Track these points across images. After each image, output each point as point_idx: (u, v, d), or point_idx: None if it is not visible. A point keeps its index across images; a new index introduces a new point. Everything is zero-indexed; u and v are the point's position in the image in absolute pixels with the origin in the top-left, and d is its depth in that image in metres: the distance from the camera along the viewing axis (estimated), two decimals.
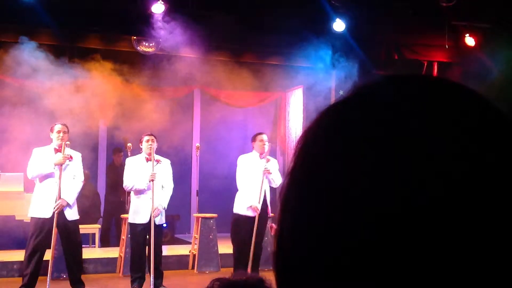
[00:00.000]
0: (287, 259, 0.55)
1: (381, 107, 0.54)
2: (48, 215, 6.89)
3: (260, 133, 7.99)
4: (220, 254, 8.99)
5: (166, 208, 7.59)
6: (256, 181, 7.72)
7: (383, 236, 0.49)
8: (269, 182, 7.83)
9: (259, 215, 7.70)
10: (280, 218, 0.57)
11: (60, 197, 6.94)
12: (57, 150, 7.03)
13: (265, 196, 7.79)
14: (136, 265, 7.47)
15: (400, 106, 0.53)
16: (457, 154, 0.50)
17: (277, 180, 7.86)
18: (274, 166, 7.94)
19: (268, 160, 7.84)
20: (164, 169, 7.63)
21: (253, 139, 7.96)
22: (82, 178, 7.31)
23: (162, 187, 7.58)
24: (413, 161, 0.50)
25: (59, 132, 7.03)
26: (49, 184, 6.98)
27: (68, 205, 7.00)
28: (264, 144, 7.81)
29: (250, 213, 7.71)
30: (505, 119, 0.53)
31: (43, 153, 7.04)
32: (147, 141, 7.51)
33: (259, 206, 7.69)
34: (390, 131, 0.52)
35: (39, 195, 7.02)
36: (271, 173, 7.72)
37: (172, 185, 7.71)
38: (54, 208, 6.87)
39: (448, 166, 0.49)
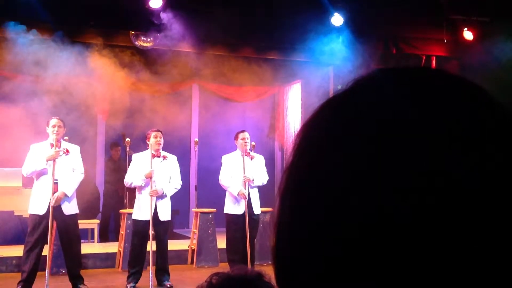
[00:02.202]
0: (286, 255, 0.55)
1: (379, 101, 0.53)
2: (43, 211, 6.89)
3: (242, 131, 8.04)
4: (219, 249, 8.99)
5: (166, 194, 7.54)
6: (240, 179, 7.83)
7: (384, 235, 0.48)
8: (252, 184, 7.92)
9: (248, 214, 7.76)
10: (279, 214, 0.56)
11: (56, 192, 6.91)
12: (53, 145, 7.02)
13: (249, 196, 7.86)
14: (135, 261, 7.47)
15: (399, 100, 0.53)
16: (458, 150, 0.49)
17: (262, 179, 7.96)
18: (259, 163, 8.01)
19: (252, 157, 7.92)
20: (171, 165, 7.63)
21: (235, 137, 8.03)
22: (82, 170, 7.28)
23: (170, 178, 7.60)
24: (413, 157, 0.49)
25: (54, 126, 7.02)
26: (44, 181, 6.97)
27: (66, 196, 6.98)
28: (246, 142, 7.87)
29: (238, 211, 7.81)
30: (507, 112, 0.53)
31: (40, 148, 7.03)
32: (155, 137, 7.49)
33: (246, 193, 7.79)
34: (389, 126, 0.51)
35: (36, 192, 7.02)
36: (252, 181, 7.80)
37: (180, 181, 7.71)
38: (51, 201, 6.85)
39: (449, 162, 0.49)
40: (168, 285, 7.49)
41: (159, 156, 7.49)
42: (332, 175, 0.52)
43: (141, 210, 7.44)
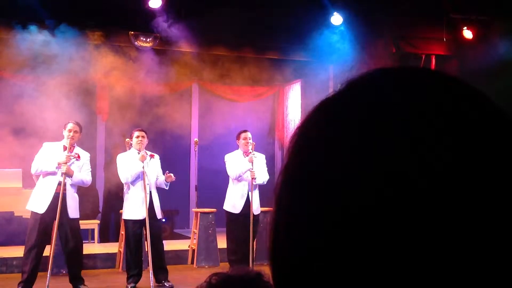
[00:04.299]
0: (282, 256, 0.55)
1: (375, 102, 0.53)
2: (42, 210, 6.87)
3: (244, 131, 8.03)
4: (219, 249, 8.99)
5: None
6: (246, 175, 7.83)
7: (380, 235, 0.48)
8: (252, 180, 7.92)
9: (246, 213, 7.76)
10: (275, 215, 0.56)
11: (61, 197, 6.86)
12: (66, 148, 7.00)
13: (248, 196, 7.87)
14: (132, 263, 7.45)
15: (395, 100, 0.52)
16: (452, 149, 0.49)
17: (263, 178, 7.93)
18: (260, 162, 8.01)
19: (251, 158, 7.87)
20: (157, 163, 7.67)
21: (237, 137, 8.02)
22: (89, 178, 7.22)
23: (158, 177, 7.60)
24: (409, 157, 0.49)
25: (70, 131, 7.01)
26: (50, 181, 6.96)
27: (68, 176, 6.91)
28: (248, 142, 7.86)
29: (236, 210, 7.84)
30: (502, 114, 0.52)
31: (52, 148, 7.02)
32: (137, 136, 7.51)
33: (244, 201, 7.83)
34: (385, 127, 0.51)
35: (39, 190, 7.01)
36: (255, 178, 7.75)
37: (163, 177, 7.67)
38: (61, 166, 6.81)
39: (444, 161, 0.48)
40: (168, 285, 7.48)
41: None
42: (328, 177, 0.51)
43: (132, 210, 7.38)
